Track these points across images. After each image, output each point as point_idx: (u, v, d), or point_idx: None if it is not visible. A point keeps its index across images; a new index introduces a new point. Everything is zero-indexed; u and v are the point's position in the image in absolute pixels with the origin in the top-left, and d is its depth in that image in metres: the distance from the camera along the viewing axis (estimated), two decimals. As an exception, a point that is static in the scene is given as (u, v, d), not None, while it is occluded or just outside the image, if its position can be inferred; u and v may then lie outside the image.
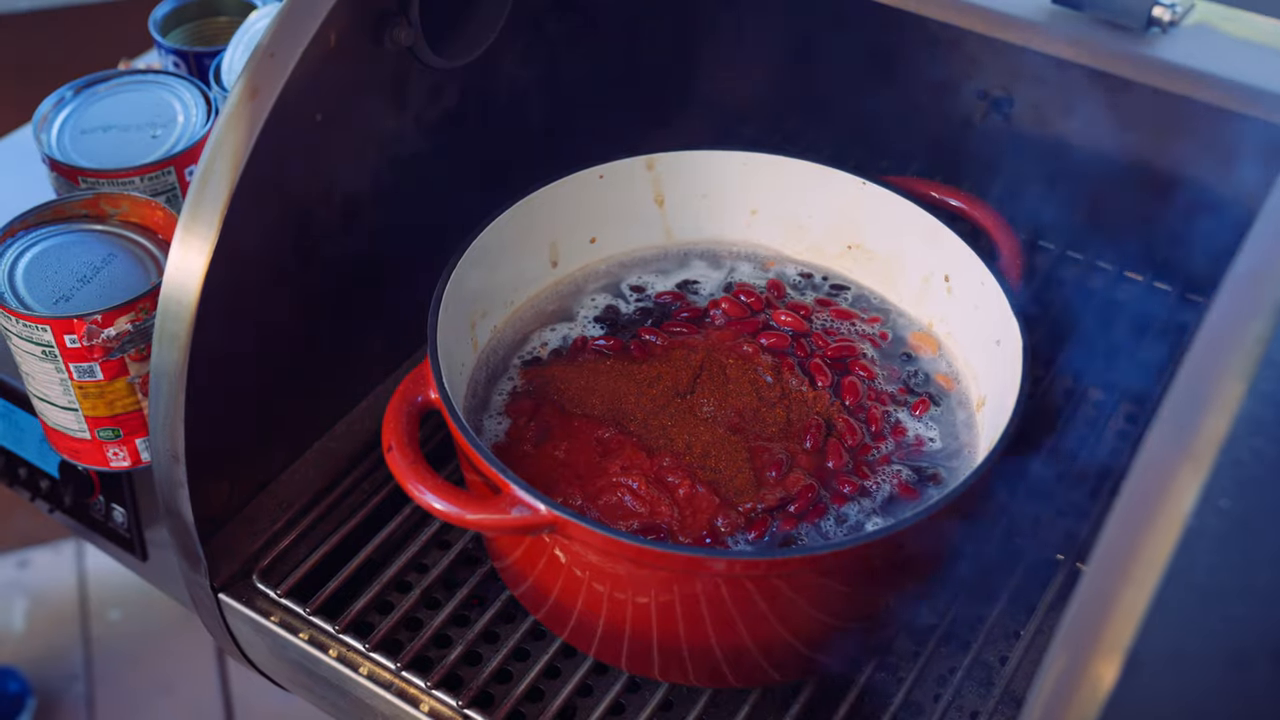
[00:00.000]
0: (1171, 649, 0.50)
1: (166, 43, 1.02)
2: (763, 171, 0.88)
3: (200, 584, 0.81)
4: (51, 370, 0.81)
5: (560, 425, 0.78)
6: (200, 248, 0.71)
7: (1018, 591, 0.82)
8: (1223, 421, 0.50)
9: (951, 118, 1.03)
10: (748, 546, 0.72)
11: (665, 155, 0.87)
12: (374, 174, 0.82)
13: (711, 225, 0.91)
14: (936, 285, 0.84)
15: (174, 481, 0.75)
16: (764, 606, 0.68)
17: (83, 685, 1.77)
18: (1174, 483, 0.50)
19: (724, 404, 0.79)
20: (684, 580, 0.67)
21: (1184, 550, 0.49)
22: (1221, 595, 0.50)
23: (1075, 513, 0.85)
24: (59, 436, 0.86)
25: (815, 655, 0.74)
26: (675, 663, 0.73)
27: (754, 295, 0.86)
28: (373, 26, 0.76)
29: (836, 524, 0.75)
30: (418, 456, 0.68)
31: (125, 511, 0.94)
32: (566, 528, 0.66)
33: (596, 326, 0.86)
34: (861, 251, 0.88)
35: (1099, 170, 0.98)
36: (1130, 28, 0.60)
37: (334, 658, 0.78)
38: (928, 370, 0.83)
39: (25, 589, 1.88)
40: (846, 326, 0.85)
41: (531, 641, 0.81)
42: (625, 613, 0.70)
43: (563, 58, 0.95)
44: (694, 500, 0.73)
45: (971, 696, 0.78)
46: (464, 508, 0.66)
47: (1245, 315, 0.52)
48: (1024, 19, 0.61)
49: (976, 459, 0.77)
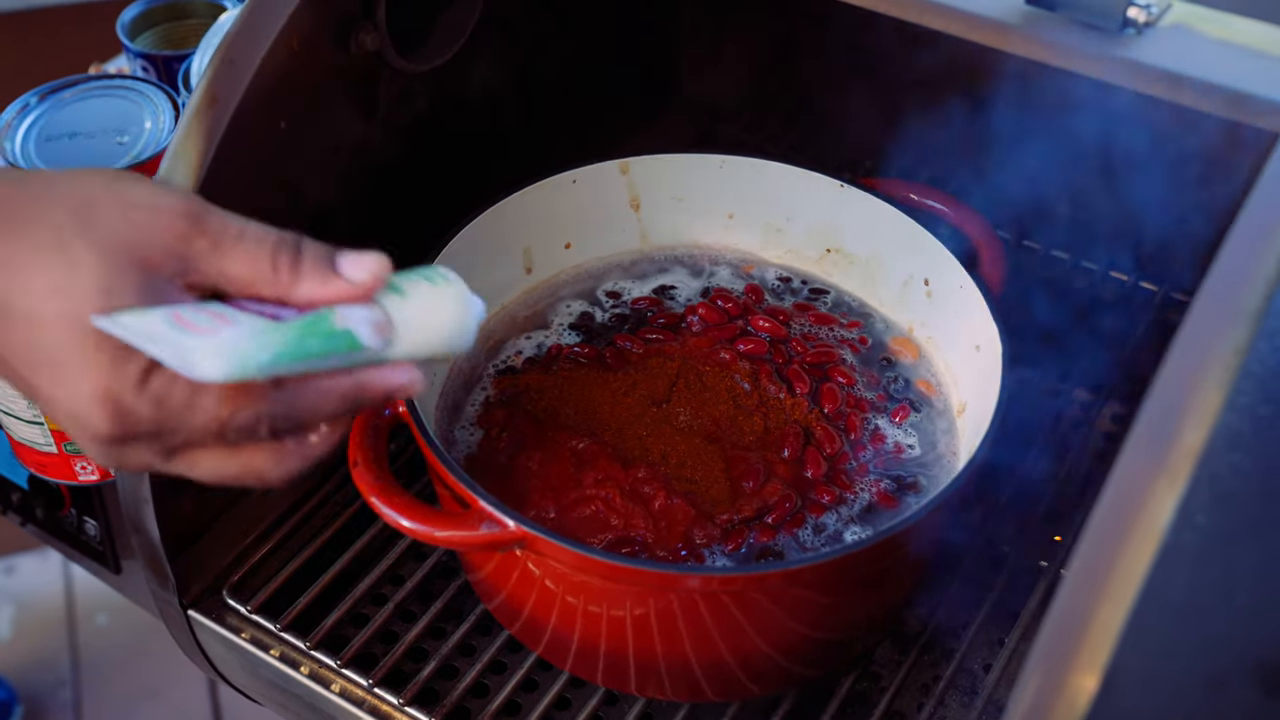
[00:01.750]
0: (1148, 668, 0.49)
1: (135, 46, 1.00)
2: (740, 174, 0.87)
3: (169, 601, 0.80)
4: (16, 384, 0.79)
5: (534, 436, 0.77)
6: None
7: (1001, 599, 0.81)
8: (1200, 435, 0.49)
9: (933, 117, 1.02)
10: (724, 559, 0.71)
11: (640, 159, 0.86)
12: (343, 182, 0.81)
13: (688, 229, 0.89)
14: (916, 289, 0.83)
15: (139, 498, 0.73)
16: (741, 620, 0.67)
17: (70, 691, 1.75)
18: (1150, 498, 0.49)
19: (701, 412, 0.78)
20: (659, 595, 0.65)
21: (1160, 567, 0.48)
22: (1199, 614, 0.49)
23: (1058, 518, 0.84)
24: (26, 451, 0.85)
25: (795, 667, 0.73)
26: (652, 677, 0.72)
27: (732, 300, 0.85)
28: (337, 31, 0.74)
29: (814, 534, 0.73)
30: (384, 472, 0.67)
31: (97, 524, 0.92)
32: (536, 543, 0.64)
33: (572, 334, 0.84)
34: (841, 255, 0.87)
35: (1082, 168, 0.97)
36: (1105, 29, 0.59)
37: (305, 675, 0.77)
38: (908, 376, 0.82)
39: (11, 595, 1.86)
40: (825, 332, 0.84)
41: (508, 654, 0.79)
42: (600, 628, 0.69)
43: (535, 60, 0.94)
44: (670, 512, 0.72)
45: (955, 706, 0.77)
46: (432, 525, 0.65)
47: (1222, 325, 0.50)
48: (997, 20, 0.60)
49: (957, 466, 0.76)
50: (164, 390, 0.51)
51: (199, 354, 0.49)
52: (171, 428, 0.51)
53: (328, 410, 0.54)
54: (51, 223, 0.51)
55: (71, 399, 0.51)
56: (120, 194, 0.52)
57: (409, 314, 0.54)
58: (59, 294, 0.50)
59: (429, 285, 0.55)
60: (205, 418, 0.51)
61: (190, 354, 0.49)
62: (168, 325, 0.49)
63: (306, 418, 0.53)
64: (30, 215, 0.51)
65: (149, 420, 0.51)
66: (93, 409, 0.50)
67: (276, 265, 0.53)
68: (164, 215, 0.52)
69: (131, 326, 0.49)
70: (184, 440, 0.52)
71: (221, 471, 0.54)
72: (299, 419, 0.53)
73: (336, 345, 0.51)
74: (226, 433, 0.52)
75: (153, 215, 0.52)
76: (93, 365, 0.50)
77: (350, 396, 0.54)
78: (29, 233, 0.51)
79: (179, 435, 0.52)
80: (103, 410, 0.50)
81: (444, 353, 0.56)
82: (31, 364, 0.51)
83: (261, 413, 0.52)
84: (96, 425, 0.51)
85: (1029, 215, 0.99)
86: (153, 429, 0.51)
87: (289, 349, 0.50)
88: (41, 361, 0.51)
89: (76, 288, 0.50)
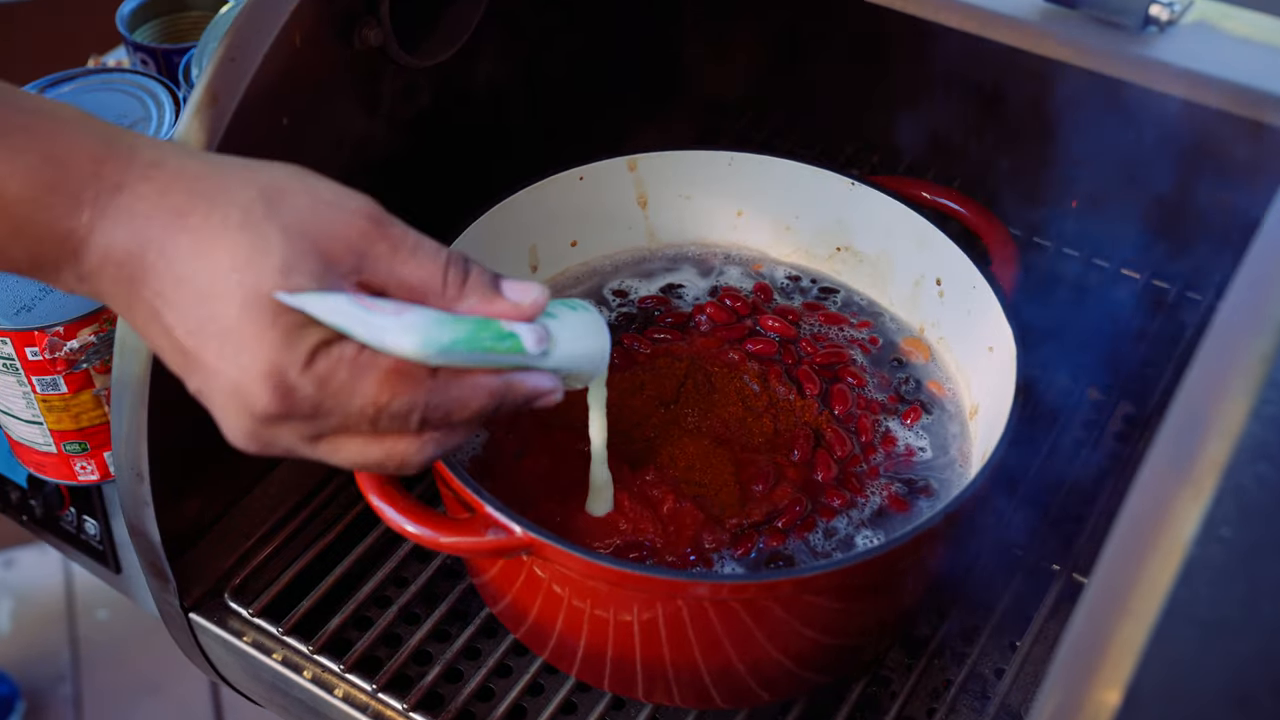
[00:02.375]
0: (1173, 684, 0.48)
1: (134, 39, 0.99)
2: (749, 171, 0.86)
3: (170, 603, 0.79)
4: (13, 383, 0.78)
5: (540, 437, 0.76)
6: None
7: (1013, 602, 0.80)
8: (1224, 445, 0.48)
9: (944, 112, 1.00)
10: (733, 564, 0.70)
11: (648, 155, 0.85)
12: (347, 178, 0.78)
13: (696, 227, 0.88)
14: (928, 289, 0.82)
15: (139, 500, 0.72)
16: (752, 627, 0.66)
17: (70, 687, 1.75)
18: (1173, 510, 0.47)
19: (709, 414, 0.77)
20: (668, 602, 0.64)
21: (1184, 581, 0.47)
22: (1224, 629, 0.48)
23: (1071, 521, 0.83)
24: (24, 450, 0.84)
25: (805, 673, 0.72)
26: (660, 684, 0.71)
27: (740, 300, 0.84)
28: (341, 26, 0.73)
29: (825, 538, 0.72)
30: (390, 477, 0.65)
31: (97, 524, 0.91)
32: (543, 550, 0.63)
33: (578, 333, 0.83)
34: (851, 254, 0.86)
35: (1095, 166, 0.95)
36: (1126, 27, 0.58)
37: (308, 679, 0.76)
38: (919, 377, 0.81)
39: (11, 589, 1.86)
40: (835, 332, 0.83)
41: (514, 657, 0.78)
42: (607, 633, 0.68)
43: (541, 55, 0.92)
44: (678, 516, 0.71)
45: (966, 711, 0.76)
46: (438, 531, 0.64)
47: (1248, 332, 0.49)
48: (1016, 18, 0.59)
49: (969, 470, 0.75)
50: (328, 372, 0.52)
51: (391, 329, 0.53)
52: (328, 409, 0.53)
53: (475, 406, 0.56)
54: (241, 203, 0.52)
55: (239, 372, 0.52)
56: (310, 187, 0.54)
57: (561, 333, 0.58)
58: (241, 269, 0.51)
59: (573, 312, 0.60)
60: (363, 401, 0.53)
61: (381, 329, 0.52)
62: (350, 304, 0.52)
63: (455, 410, 0.55)
64: (221, 194, 0.53)
65: (309, 400, 0.52)
66: (258, 384, 0.52)
67: (447, 278, 0.55)
68: (349, 214, 0.54)
69: (314, 302, 0.52)
70: (336, 424, 0.54)
71: (364, 457, 0.56)
72: (448, 410, 0.55)
73: (503, 345, 0.56)
74: (380, 418, 0.54)
75: (339, 211, 0.54)
76: (266, 341, 0.51)
77: (498, 393, 0.56)
78: (218, 210, 0.52)
79: (333, 419, 0.53)
80: (267, 385, 0.52)
81: (587, 370, 0.61)
82: (201, 336, 0.52)
83: (417, 401, 0.54)
84: (258, 401, 0.52)
85: (1039, 211, 0.98)
86: (310, 410, 0.53)
87: (465, 337, 0.54)
88: (212, 334, 0.52)
89: (259, 264, 0.51)
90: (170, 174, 0.53)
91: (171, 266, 0.52)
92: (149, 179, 0.53)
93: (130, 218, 0.52)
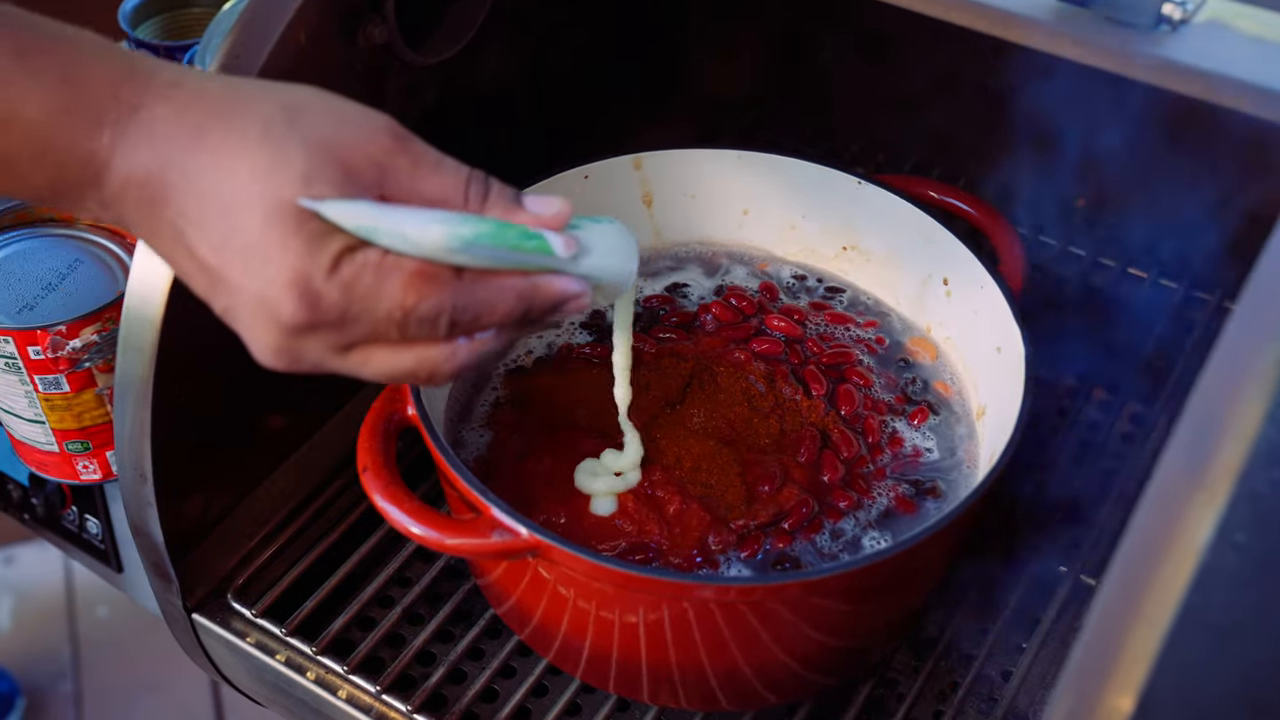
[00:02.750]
0: (1186, 690, 0.47)
1: (136, 35, 0.98)
2: (755, 170, 0.85)
3: (173, 603, 0.78)
4: (15, 382, 0.78)
5: (544, 437, 0.75)
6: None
7: (1020, 604, 0.79)
8: (1239, 450, 0.47)
9: (949, 110, 1.00)
10: (740, 565, 0.70)
11: (654, 154, 0.84)
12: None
13: (702, 226, 0.88)
14: (935, 288, 0.81)
15: (142, 501, 0.72)
16: (759, 629, 0.65)
17: (70, 684, 1.74)
18: (1187, 515, 0.47)
19: (715, 414, 0.76)
20: (674, 605, 0.64)
21: (1199, 587, 0.46)
22: (1239, 636, 0.47)
23: (1079, 522, 0.82)
24: (26, 449, 0.83)
25: (812, 675, 0.72)
26: (665, 686, 0.70)
27: (746, 299, 0.83)
28: (345, 24, 0.72)
29: (832, 539, 0.72)
30: (394, 478, 0.65)
31: (99, 523, 0.91)
32: (550, 552, 0.63)
33: (583, 332, 0.83)
34: (857, 253, 0.85)
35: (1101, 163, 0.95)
36: (1138, 25, 0.57)
37: (312, 680, 0.75)
38: (926, 377, 0.80)
39: (11, 586, 1.85)
40: (842, 331, 0.82)
41: (518, 658, 0.78)
42: (612, 636, 0.68)
43: (546, 52, 0.92)
44: (684, 517, 0.71)
45: (974, 714, 0.76)
46: (443, 532, 0.63)
47: (1263, 336, 0.49)
48: (1027, 17, 0.58)
49: (977, 471, 0.75)
50: (353, 277, 0.52)
51: (414, 224, 0.52)
52: (355, 315, 0.52)
53: (503, 308, 0.55)
54: (260, 117, 0.52)
55: (263, 284, 0.51)
56: (331, 104, 0.55)
57: (589, 240, 0.58)
58: (261, 179, 0.51)
59: (598, 224, 0.59)
60: (390, 304, 0.52)
61: (404, 224, 0.52)
62: (371, 206, 0.52)
63: (483, 313, 0.54)
64: (240, 111, 0.52)
65: (336, 307, 0.52)
66: (284, 293, 0.51)
67: (468, 193, 0.55)
68: (371, 129, 0.54)
69: (336, 207, 0.51)
70: (365, 332, 0.53)
71: (395, 366, 0.55)
72: (476, 313, 0.54)
73: (530, 244, 0.55)
74: (408, 323, 0.53)
75: (360, 127, 0.54)
76: (289, 249, 0.51)
77: (525, 295, 0.55)
78: (238, 125, 0.52)
79: (360, 326, 0.53)
80: (293, 293, 0.51)
81: (614, 281, 0.59)
82: (225, 252, 0.52)
83: (444, 302, 0.53)
84: (285, 311, 0.52)
85: (1046, 210, 0.97)
86: (337, 317, 0.52)
87: (490, 231, 0.54)
88: (236, 249, 0.51)
89: (279, 173, 0.51)
90: (189, 94, 0.53)
91: (192, 184, 0.52)
92: (168, 99, 0.52)
93: (150, 137, 0.52)
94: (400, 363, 0.55)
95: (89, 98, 0.52)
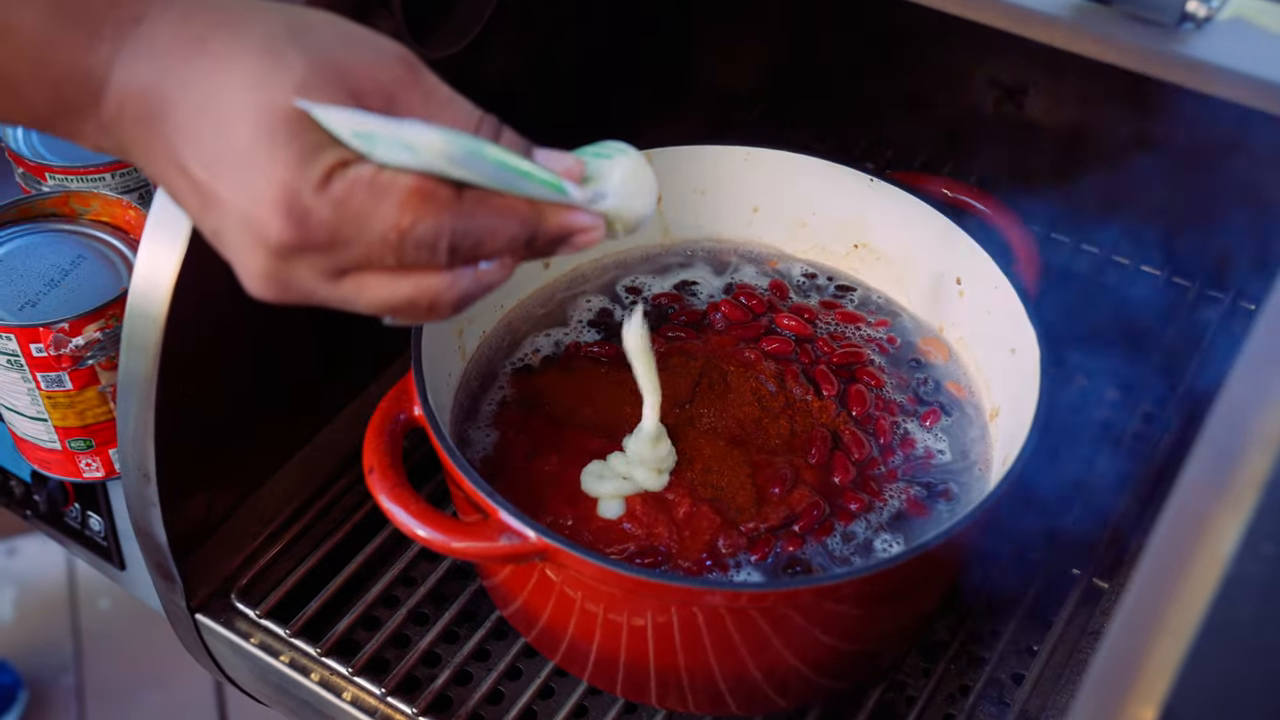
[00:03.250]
0: (1210, 703, 0.46)
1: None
2: (765, 167, 0.84)
3: (176, 603, 0.77)
4: (18, 379, 0.77)
5: (552, 437, 0.74)
6: (171, 249, 0.67)
7: (1032, 607, 0.78)
8: (1266, 458, 0.46)
9: (962, 106, 0.99)
10: (750, 569, 0.69)
11: (662, 150, 0.83)
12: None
13: (711, 223, 0.87)
14: (948, 287, 0.80)
15: (145, 501, 0.71)
16: (769, 634, 0.64)
17: (72, 677, 1.74)
18: (1212, 525, 0.46)
19: (725, 414, 0.75)
20: (684, 609, 0.63)
21: (1223, 599, 0.45)
22: (1265, 648, 0.46)
23: (1091, 524, 0.82)
24: (29, 446, 0.83)
25: (822, 680, 0.71)
26: (673, 690, 0.70)
27: (755, 297, 0.82)
28: (352, 18, 0.71)
29: (843, 542, 0.71)
30: (400, 479, 0.64)
31: (101, 520, 0.90)
32: (558, 556, 0.62)
33: (590, 331, 0.82)
34: (869, 251, 0.84)
35: (1114, 161, 0.94)
36: (1161, 23, 0.56)
37: (316, 682, 0.75)
38: (938, 378, 0.79)
39: (14, 578, 1.85)
40: (853, 331, 0.81)
41: (525, 660, 0.77)
42: (620, 639, 0.67)
43: (553, 47, 0.91)
44: (694, 520, 0.70)
45: (985, 717, 0.75)
46: (450, 535, 0.63)
47: (1290, 341, 0.48)
48: (1048, 14, 0.57)
49: (990, 474, 0.74)
50: (345, 193, 0.49)
51: (414, 127, 0.49)
52: (347, 236, 0.49)
53: (507, 233, 0.52)
54: (264, 29, 0.50)
55: (250, 201, 0.48)
56: (343, 25, 0.52)
57: (604, 179, 0.55)
58: (255, 87, 0.48)
59: (610, 159, 0.56)
60: (384, 226, 0.49)
61: (405, 127, 0.49)
62: (370, 115, 0.49)
63: (486, 238, 0.51)
64: (245, 22, 0.50)
65: (326, 225, 0.49)
66: (270, 210, 0.48)
67: (479, 133, 0.52)
68: (382, 53, 0.51)
69: (331, 111, 0.49)
70: (358, 256, 0.50)
71: (392, 295, 0.51)
72: (478, 238, 0.51)
73: (537, 176, 0.52)
74: (405, 247, 0.50)
75: (370, 50, 0.51)
76: (278, 161, 0.48)
77: (530, 220, 0.52)
78: (240, 38, 0.49)
79: (353, 249, 0.50)
80: (279, 210, 0.48)
81: (633, 219, 0.56)
82: (216, 167, 0.49)
83: (443, 225, 0.50)
84: (270, 228, 0.49)
85: (1057, 208, 0.96)
86: (328, 237, 0.49)
87: (499, 154, 0.51)
88: (225, 162, 0.49)
89: (275, 81, 0.48)
90: (192, 3, 0.50)
91: (189, 94, 0.49)
92: (169, 8, 0.50)
93: (150, 48, 0.49)
94: (398, 291, 0.51)
95: (88, 8, 0.50)
